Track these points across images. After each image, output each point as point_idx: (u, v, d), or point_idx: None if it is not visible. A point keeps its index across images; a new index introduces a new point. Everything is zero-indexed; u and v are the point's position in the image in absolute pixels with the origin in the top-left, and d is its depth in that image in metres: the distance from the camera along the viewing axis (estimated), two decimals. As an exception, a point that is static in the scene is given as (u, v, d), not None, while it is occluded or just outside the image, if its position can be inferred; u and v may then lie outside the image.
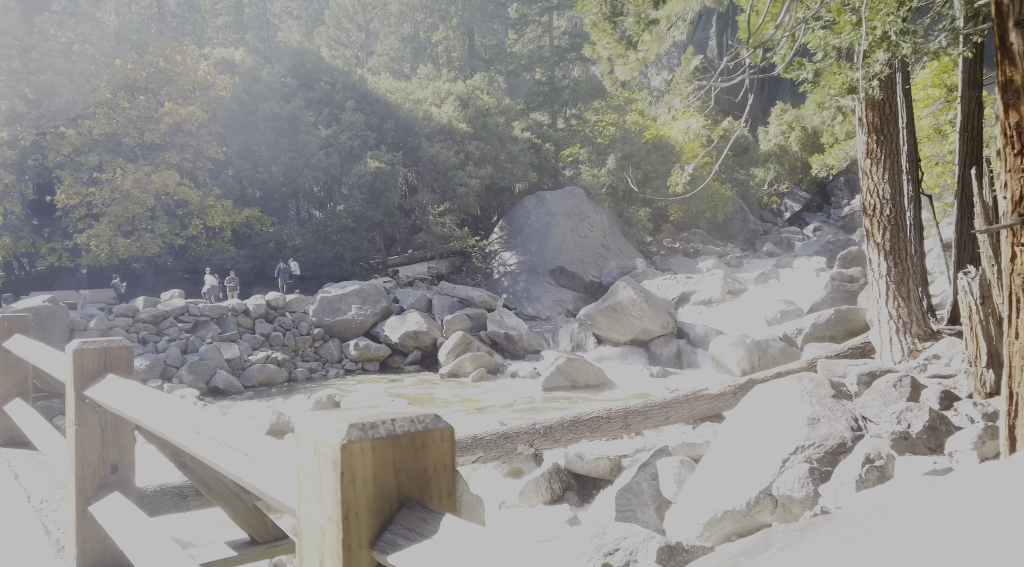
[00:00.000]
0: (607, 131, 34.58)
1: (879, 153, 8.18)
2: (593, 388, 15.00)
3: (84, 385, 2.61)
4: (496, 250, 28.01)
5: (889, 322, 8.20)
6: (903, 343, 8.08)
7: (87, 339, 2.70)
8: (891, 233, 8.18)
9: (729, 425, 7.34)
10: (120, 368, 2.67)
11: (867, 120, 8.23)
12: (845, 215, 48.43)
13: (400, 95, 28.26)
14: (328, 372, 18.09)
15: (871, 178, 8.29)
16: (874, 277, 8.41)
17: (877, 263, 8.29)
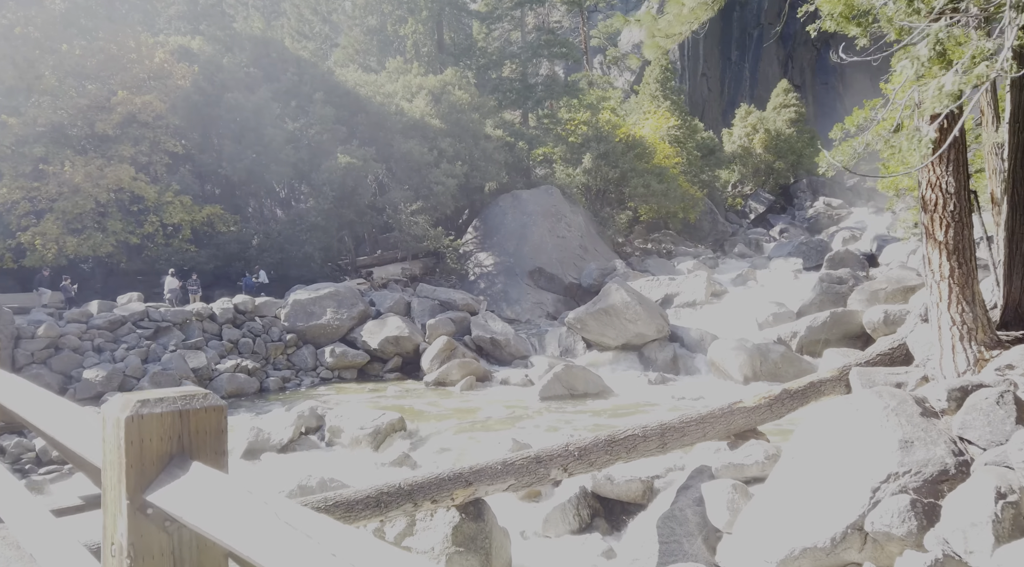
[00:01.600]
0: (580, 130, 33.90)
1: (941, 143, 7.52)
2: (592, 396, 14.17)
3: (144, 482, 1.73)
4: (471, 251, 27.02)
5: (952, 328, 7.55)
6: (968, 352, 7.44)
7: (144, 395, 1.76)
8: (955, 231, 7.53)
9: (796, 446, 6.55)
10: (208, 448, 1.82)
11: (930, 108, 7.56)
12: (810, 217, 48.86)
13: (370, 88, 27.05)
14: (302, 381, 16.86)
15: (933, 171, 7.62)
16: (934, 279, 7.74)
17: (939, 264, 7.62)
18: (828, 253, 32.67)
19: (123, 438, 1.72)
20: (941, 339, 7.68)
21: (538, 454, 7.20)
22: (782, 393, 9.30)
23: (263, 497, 1.51)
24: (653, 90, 41.67)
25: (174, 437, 1.78)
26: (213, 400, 1.85)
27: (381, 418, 11.64)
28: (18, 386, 3.10)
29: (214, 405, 1.84)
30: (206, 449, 1.82)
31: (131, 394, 1.82)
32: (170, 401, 1.78)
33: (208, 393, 1.86)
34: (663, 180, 32.48)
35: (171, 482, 1.70)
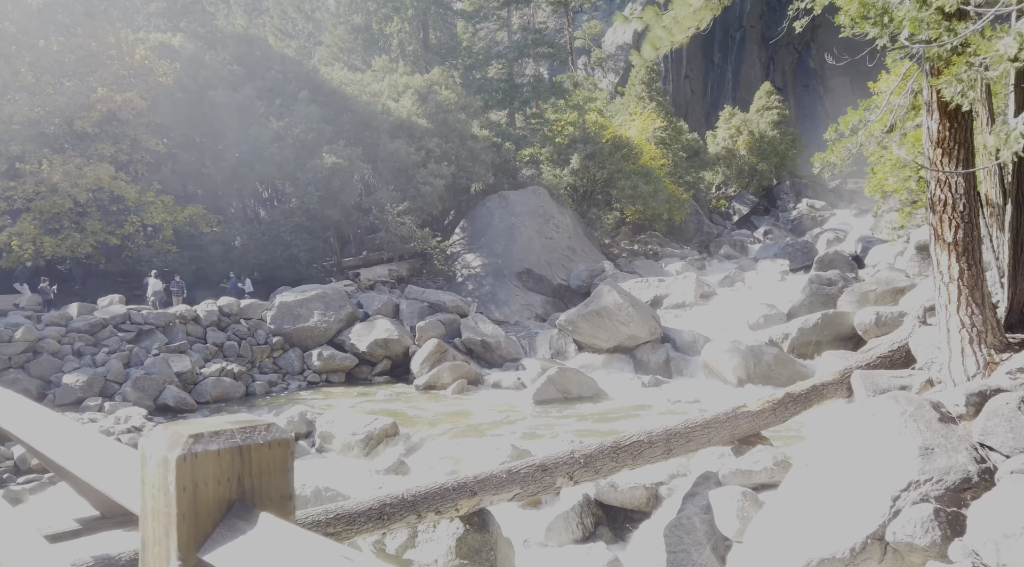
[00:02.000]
0: (566, 130, 33.76)
1: (951, 142, 7.41)
2: (586, 400, 13.98)
3: (200, 537, 1.40)
4: (458, 252, 26.76)
5: (961, 331, 7.44)
6: (978, 355, 7.33)
7: (196, 428, 1.46)
8: (964, 232, 7.43)
9: (810, 453, 6.39)
10: (273, 493, 1.49)
11: (938, 104, 7.44)
12: (793, 218, 49.13)
13: (356, 87, 26.70)
14: (289, 385, 16.52)
15: (941, 169, 7.51)
16: (942, 281, 7.62)
17: (947, 265, 7.51)
18: (815, 255, 32.84)
19: (174, 483, 1.39)
20: (950, 342, 7.57)
21: (543, 462, 6.99)
22: (785, 397, 9.17)
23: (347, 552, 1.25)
24: (639, 91, 41.65)
25: (234, 480, 1.45)
26: (278, 433, 1.52)
27: (373, 423, 11.37)
28: (10, 402, 2.78)
29: (279, 438, 1.51)
30: (271, 494, 1.49)
31: (180, 426, 1.53)
32: (228, 435, 1.46)
33: (271, 424, 1.55)
34: (650, 181, 32.43)
35: (234, 538, 1.37)
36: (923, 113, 7.76)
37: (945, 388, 7.86)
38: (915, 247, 22.31)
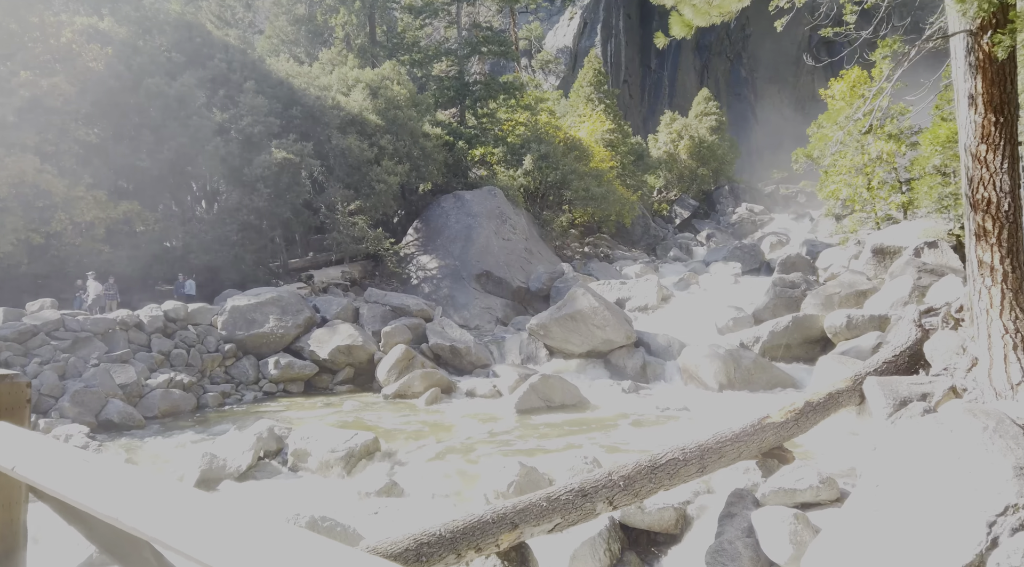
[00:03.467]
0: (518, 130, 33.20)
1: (997, 137, 7.10)
2: (570, 408, 13.37)
3: None
4: (413, 253, 25.78)
5: (1004, 337, 7.15)
6: (1023, 362, 7.06)
7: None
8: (1009, 232, 7.14)
9: (877, 472, 5.92)
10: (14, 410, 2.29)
11: (984, 97, 7.12)
12: (734, 222, 50.03)
13: (304, 79, 25.38)
14: (244, 395, 15.28)
15: (986, 167, 7.20)
16: (983, 284, 7.33)
17: (991, 267, 7.21)
18: (762, 258, 33.32)
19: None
20: (991, 348, 7.27)
21: (582, 486, 6.29)
22: (805, 406, 8.76)
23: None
24: (587, 93, 41.51)
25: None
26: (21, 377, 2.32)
27: (354, 439, 10.42)
28: None
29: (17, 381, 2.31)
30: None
31: None
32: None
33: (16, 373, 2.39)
34: (602, 183, 32.20)
35: None
36: (964, 107, 7.43)
37: (983, 397, 7.58)
38: (871, 251, 22.67)
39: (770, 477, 7.46)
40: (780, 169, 71.42)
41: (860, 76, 24.40)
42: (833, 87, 24.93)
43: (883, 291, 18.84)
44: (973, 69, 7.16)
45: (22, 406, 2.27)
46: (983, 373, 7.46)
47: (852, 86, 24.20)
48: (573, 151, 31.57)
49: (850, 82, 24.11)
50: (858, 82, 24.18)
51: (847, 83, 24.17)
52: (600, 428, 11.79)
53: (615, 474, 6.54)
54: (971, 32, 7.02)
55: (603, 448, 10.39)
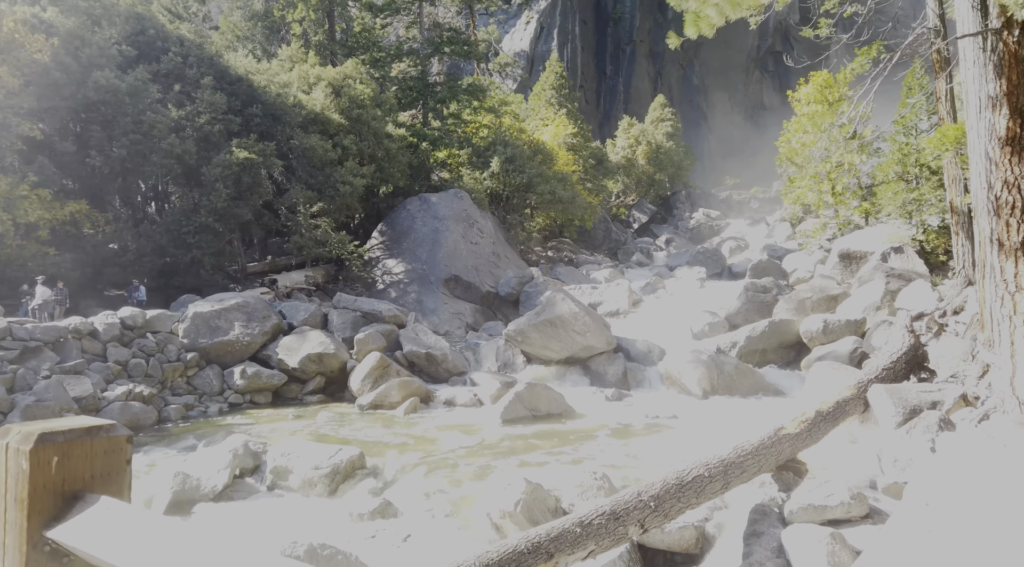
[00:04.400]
0: (481, 133, 32.75)
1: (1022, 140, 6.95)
2: (556, 418, 12.96)
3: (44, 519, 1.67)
4: (378, 257, 25.04)
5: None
6: (1048, 370, 6.95)
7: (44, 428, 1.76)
8: (1033, 239, 7.02)
9: (926, 489, 5.65)
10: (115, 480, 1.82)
11: (1007, 98, 6.97)
12: (692, 227, 50.55)
13: (264, 77, 24.43)
14: (208, 408, 14.41)
15: (1010, 170, 7.05)
16: (1007, 290, 7.19)
17: (1014, 273, 7.07)
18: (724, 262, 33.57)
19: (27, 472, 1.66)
20: (1014, 356, 7.13)
21: (613, 509, 5.86)
22: (816, 416, 8.53)
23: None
24: (549, 97, 41.31)
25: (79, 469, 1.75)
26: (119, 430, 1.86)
27: (338, 455, 9.79)
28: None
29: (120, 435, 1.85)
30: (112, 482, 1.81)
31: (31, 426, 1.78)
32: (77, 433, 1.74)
33: (113, 423, 1.87)
34: (567, 187, 31.98)
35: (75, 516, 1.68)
36: (985, 109, 7.27)
37: (1004, 406, 7.44)
38: (838, 255, 22.91)
39: (795, 492, 7.16)
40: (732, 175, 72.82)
41: (827, 79, 24.72)
42: (800, 90, 25.21)
43: (855, 296, 18.99)
44: (996, 69, 7.01)
45: (122, 471, 1.78)
46: (1004, 381, 7.32)
47: (820, 89, 24.48)
48: (538, 154, 31.26)
49: (818, 85, 24.40)
50: (826, 84, 24.49)
51: (815, 86, 24.46)
52: (592, 439, 11.40)
53: (644, 494, 6.13)
54: (995, 31, 6.87)
55: (602, 461, 10.00)
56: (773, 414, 12.79)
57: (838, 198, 24.65)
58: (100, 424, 1.80)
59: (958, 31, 8.60)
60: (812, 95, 25.17)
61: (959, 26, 8.55)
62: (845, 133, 15.77)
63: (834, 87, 25.51)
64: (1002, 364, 7.32)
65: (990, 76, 7.10)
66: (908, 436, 7.84)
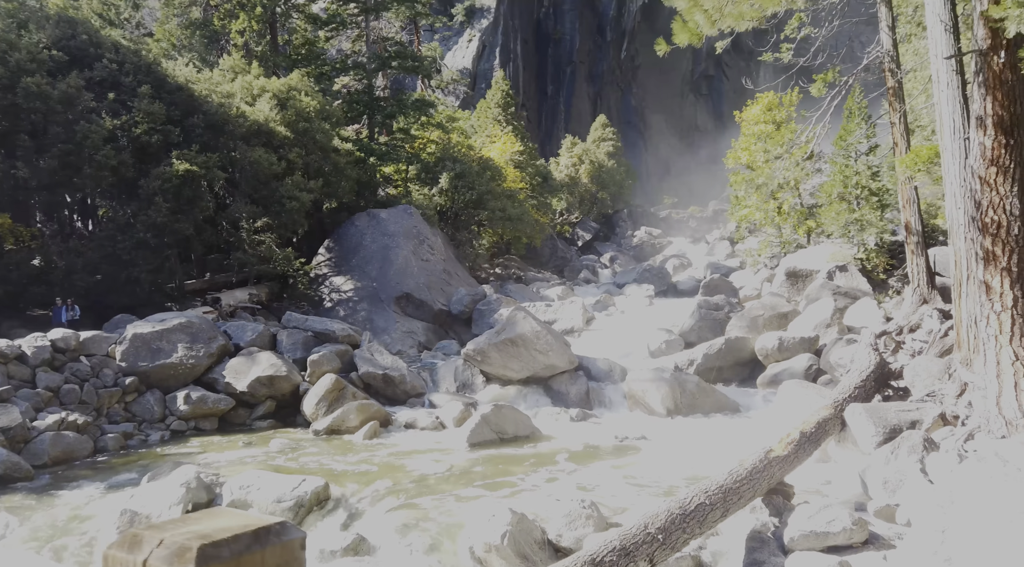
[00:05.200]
0: (429, 148, 32.36)
1: (1008, 160, 7.04)
2: (524, 440, 12.60)
3: None
4: (325, 274, 24.25)
5: (1015, 364, 7.07)
6: (1034, 390, 7.00)
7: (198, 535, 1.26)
8: (1020, 257, 7.09)
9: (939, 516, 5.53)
10: None
11: (993, 118, 7.03)
12: (635, 245, 51.19)
13: (206, 86, 23.46)
14: (149, 436, 13.46)
15: (995, 190, 7.12)
16: (992, 309, 7.24)
17: (1000, 293, 7.13)
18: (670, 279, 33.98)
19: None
20: (1000, 376, 7.17)
21: (623, 544, 5.55)
22: (801, 437, 8.44)
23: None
24: (495, 114, 41.27)
25: None
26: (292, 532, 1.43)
27: (302, 486, 9.17)
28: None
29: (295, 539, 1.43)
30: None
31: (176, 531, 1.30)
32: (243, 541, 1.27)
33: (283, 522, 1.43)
34: (516, 204, 31.85)
35: None
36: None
37: (988, 425, 7.48)
38: (785, 274, 23.39)
39: (791, 517, 6.99)
40: (670, 195, 74.37)
41: (772, 101, 25.41)
42: (748, 110, 25.83)
43: (805, 314, 19.33)
44: (983, 90, 7.09)
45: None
46: (990, 400, 7.36)
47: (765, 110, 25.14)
48: (487, 171, 31.05)
49: (764, 106, 25.04)
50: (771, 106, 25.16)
51: (761, 107, 25.10)
52: (564, 462, 11.08)
53: (651, 526, 5.84)
54: (982, 52, 6.96)
55: (581, 485, 9.69)
56: (739, 433, 12.76)
57: (783, 217, 25.27)
58: (268, 524, 1.37)
59: (931, 54, 8.76)
60: (758, 116, 25.81)
61: (932, 49, 8.71)
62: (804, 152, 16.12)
63: (779, 109, 26.23)
64: (987, 383, 7.36)
65: (976, 97, 7.18)
66: (894, 457, 7.80)
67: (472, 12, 75.22)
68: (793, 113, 25.96)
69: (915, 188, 13.42)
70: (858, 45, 14.02)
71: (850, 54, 14.56)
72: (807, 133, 13.47)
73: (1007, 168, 7.03)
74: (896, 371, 11.40)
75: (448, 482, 10.05)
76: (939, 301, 13.32)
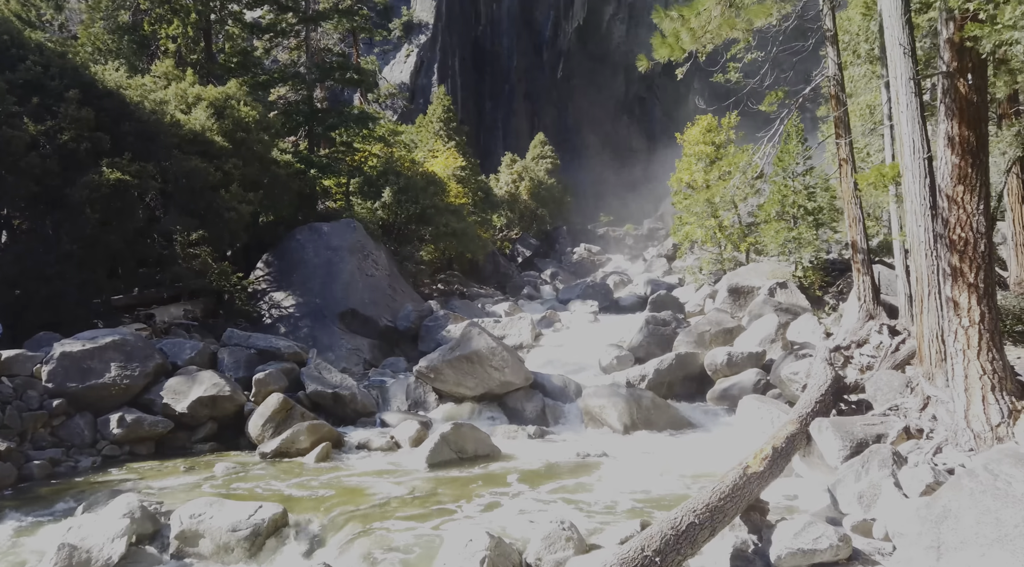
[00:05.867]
0: (371, 162, 31.82)
1: (974, 179, 7.25)
2: (484, 459, 12.29)
3: None
4: (264, 289, 23.38)
5: (983, 378, 7.25)
6: (1001, 403, 7.19)
7: None
8: (986, 273, 7.29)
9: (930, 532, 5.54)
10: None
11: (960, 139, 7.26)
12: (575, 262, 51.63)
13: (137, 92, 22.39)
14: (79, 462, 12.52)
15: (963, 208, 7.32)
16: (960, 324, 7.42)
17: (967, 308, 7.32)
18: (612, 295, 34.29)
19: None
20: (968, 389, 7.35)
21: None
22: (774, 452, 8.46)
23: None
24: (436, 129, 41.02)
25: None
26: None
27: (259, 513, 8.63)
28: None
29: None
30: None
31: None
32: None
33: None
34: (460, 219, 31.61)
35: None
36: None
37: (956, 438, 7.64)
38: (727, 290, 23.88)
39: (774, 534, 6.94)
40: (606, 213, 75.58)
41: (710, 123, 26.07)
42: (689, 132, 26.41)
43: (750, 329, 19.71)
44: (950, 111, 7.30)
45: None
46: (958, 414, 7.53)
47: (704, 131, 25.77)
48: (431, 185, 30.72)
49: (703, 128, 25.65)
50: (709, 128, 25.80)
51: (700, 129, 25.70)
52: (529, 481, 10.83)
53: (647, 548, 5.67)
54: (948, 74, 7.18)
55: (549, 504, 9.45)
56: (698, 449, 12.82)
57: (723, 235, 25.86)
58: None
59: (890, 76, 9.03)
60: (699, 137, 26.42)
61: (891, 70, 8.97)
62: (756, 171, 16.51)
63: (717, 131, 26.93)
64: (955, 397, 7.53)
65: (943, 118, 7.39)
66: (864, 471, 7.88)
67: (410, 27, 74.98)
68: (732, 135, 26.69)
69: (860, 207, 13.87)
70: (800, 71, 14.56)
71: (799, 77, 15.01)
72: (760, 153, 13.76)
73: (974, 186, 7.26)
74: (850, 385, 11.67)
75: (412, 505, 9.66)
76: (884, 317, 13.74)
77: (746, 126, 27.91)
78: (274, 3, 31.23)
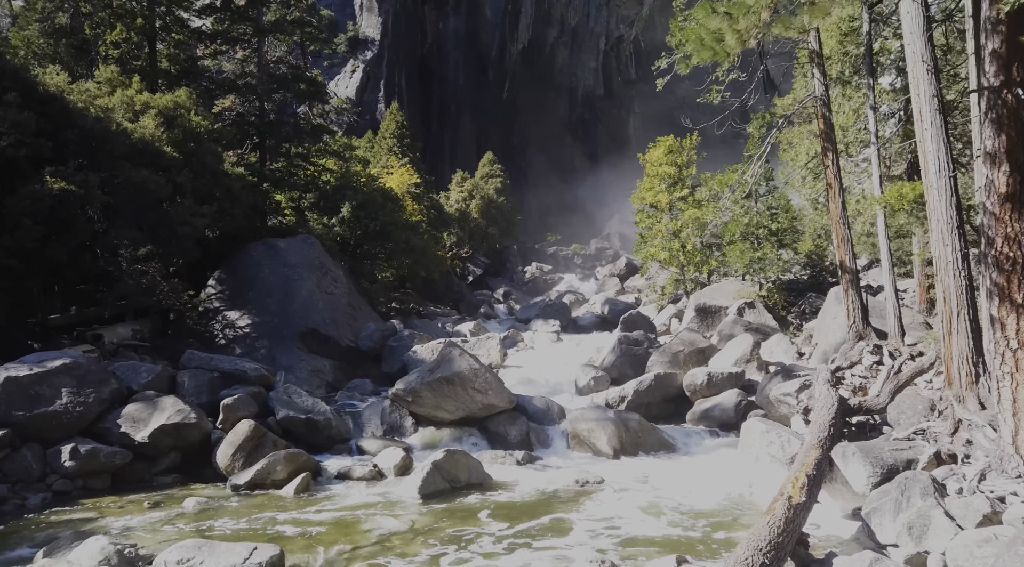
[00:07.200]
0: (325, 176, 30.80)
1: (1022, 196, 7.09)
2: (477, 488, 11.61)
3: None
4: (217, 308, 22.08)
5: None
6: (1049, 426, 7.02)
7: None
8: (1034, 294, 7.14)
9: None
10: None
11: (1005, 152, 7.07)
12: (527, 280, 51.33)
13: (82, 97, 20.98)
14: (27, 499, 11.24)
15: (1010, 226, 7.15)
16: (1007, 346, 7.24)
17: (1015, 330, 7.14)
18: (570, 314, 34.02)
19: None
20: (1017, 414, 7.16)
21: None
22: (808, 480, 8.11)
23: None
24: (390, 145, 40.22)
25: None
26: None
27: (255, 556, 7.75)
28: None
29: None
30: None
31: None
32: None
33: None
34: (418, 236, 30.87)
35: None
36: (982, 163, 7.38)
37: (1002, 465, 7.43)
38: (695, 310, 23.85)
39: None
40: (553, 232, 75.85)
41: (672, 144, 26.21)
42: (651, 153, 26.48)
43: (725, 349, 19.62)
44: (996, 126, 7.15)
45: None
46: (1005, 439, 7.33)
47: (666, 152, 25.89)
48: (389, 202, 29.91)
49: (665, 148, 25.77)
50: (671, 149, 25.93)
51: (663, 149, 25.80)
52: (533, 511, 10.23)
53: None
54: (994, 89, 7.05)
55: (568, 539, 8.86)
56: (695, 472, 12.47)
57: (688, 255, 25.93)
58: None
59: (912, 94, 8.94)
60: (661, 157, 26.51)
61: (913, 88, 8.89)
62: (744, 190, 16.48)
63: (679, 152, 27.10)
64: (1002, 422, 7.33)
65: (987, 133, 7.25)
66: (905, 499, 7.59)
67: (356, 43, 74.03)
68: (694, 156, 26.90)
69: (848, 228, 13.92)
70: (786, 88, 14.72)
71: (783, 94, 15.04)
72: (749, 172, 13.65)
73: (1021, 204, 7.11)
74: (852, 407, 11.51)
75: (416, 543, 8.92)
76: (874, 338, 13.75)
77: (708, 149, 28.27)
78: (227, 11, 30.04)
